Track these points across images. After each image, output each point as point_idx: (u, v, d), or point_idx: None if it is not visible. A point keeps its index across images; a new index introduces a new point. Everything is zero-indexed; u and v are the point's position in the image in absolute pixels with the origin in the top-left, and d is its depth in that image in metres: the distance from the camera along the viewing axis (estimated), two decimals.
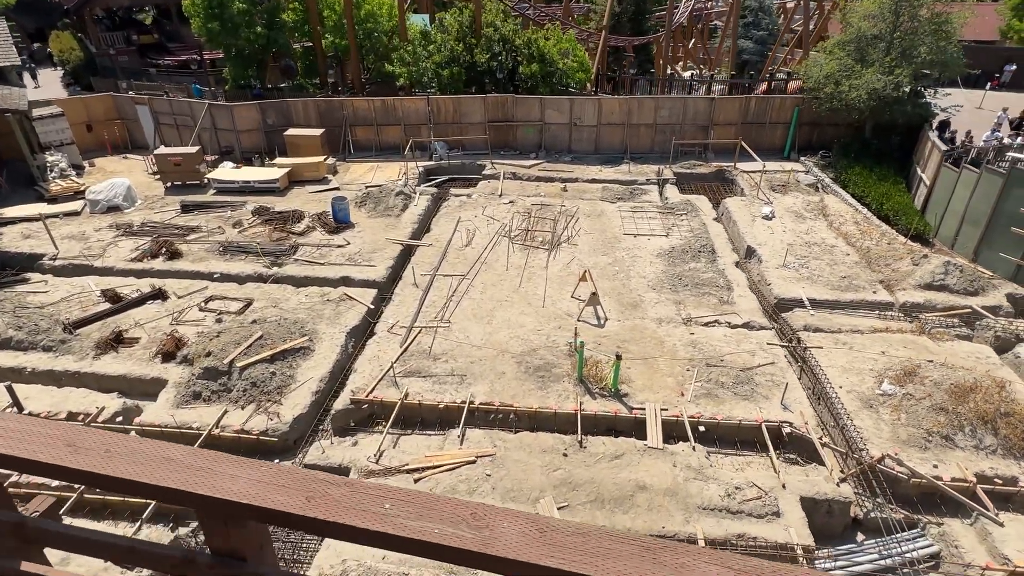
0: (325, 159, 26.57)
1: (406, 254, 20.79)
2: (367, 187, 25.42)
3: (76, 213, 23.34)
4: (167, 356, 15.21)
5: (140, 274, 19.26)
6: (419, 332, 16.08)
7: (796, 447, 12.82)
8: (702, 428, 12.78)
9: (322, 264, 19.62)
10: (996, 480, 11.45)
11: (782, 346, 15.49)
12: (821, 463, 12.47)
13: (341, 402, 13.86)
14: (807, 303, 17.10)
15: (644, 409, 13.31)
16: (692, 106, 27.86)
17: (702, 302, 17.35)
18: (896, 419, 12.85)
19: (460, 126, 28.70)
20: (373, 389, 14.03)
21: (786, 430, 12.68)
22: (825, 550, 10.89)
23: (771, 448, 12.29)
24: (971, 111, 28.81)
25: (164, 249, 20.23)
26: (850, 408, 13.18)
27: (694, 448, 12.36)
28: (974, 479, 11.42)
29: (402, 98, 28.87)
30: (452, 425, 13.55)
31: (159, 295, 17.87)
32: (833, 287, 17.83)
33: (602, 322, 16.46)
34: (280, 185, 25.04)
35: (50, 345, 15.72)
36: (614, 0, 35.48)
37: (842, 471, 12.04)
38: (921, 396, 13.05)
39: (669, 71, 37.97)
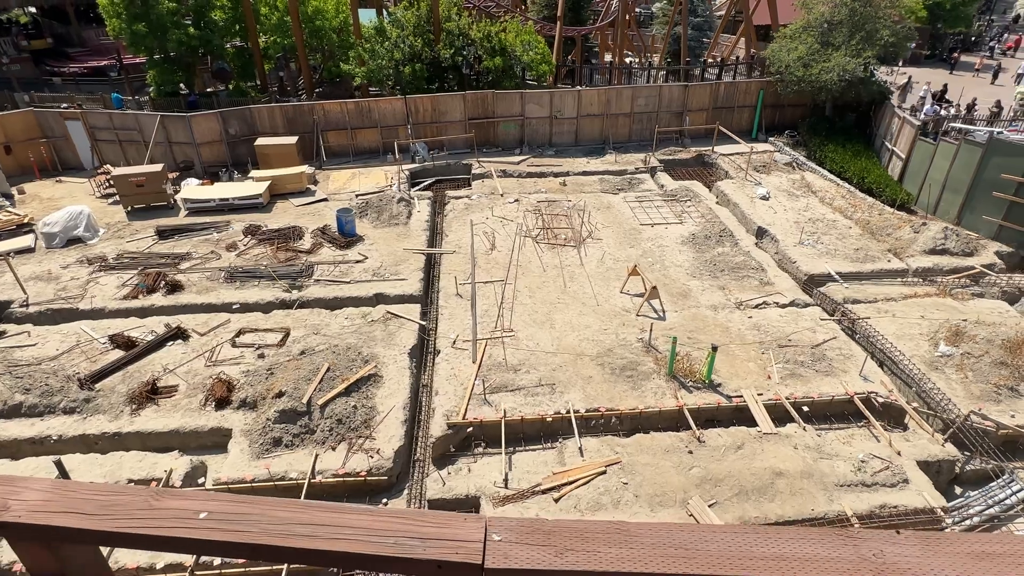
0: (305, 169, 24.79)
1: (429, 263, 19.94)
2: (358, 195, 24.09)
3: (30, 249, 20.34)
4: (221, 402, 13.69)
5: (142, 313, 17.17)
6: (486, 344, 15.50)
7: (885, 415, 13.63)
8: (805, 408, 13.29)
9: (348, 283, 18.38)
10: None
11: (837, 320, 16.39)
12: (904, 427, 13.37)
13: (437, 428, 13.10)
14: (837, 277, 18.18)
15: (741, 397, 13.64)
16: (667, 94, 28.61)
17: (744, 285, 17.97)
18: (964, 377, 14.01)
19: (439, 125, 27.79)
20: (466, 410, 13.38)
21: (880, 400, 13.45)
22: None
23: (872, 419, 13.00)
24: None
25: (161, 282, 18.13)
26: (920, 372, 14.20)
27: (804, 428, 12.84)
28: None
29: (377, 99, 27.47)
30: (554, 437, 13.23)
31: (178, 335, 16.01)
32: (852, 259, 19.07)
33: (663, 315, 16.64)
34: (263, 200, 23.12)
35: (72, 406, 13.67)
36: None
37: (939, 432, 12.95)
38: (979, 354, 14.30)
39: (613, 60, 38.69)
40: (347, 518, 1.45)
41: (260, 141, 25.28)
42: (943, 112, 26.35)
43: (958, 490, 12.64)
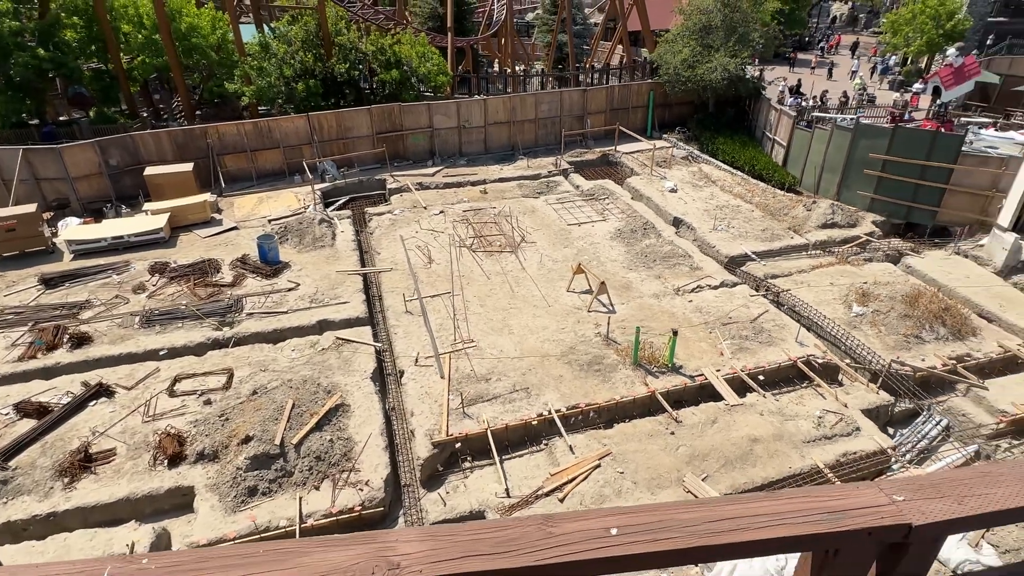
0: (208, 197, 22.90)
1: (366, 283, 19.25)
2: (271, 221, 22.70)
3: None
4: (174, 459, 12.32)
5: (46, 374, 15.01)
6: (450, 358, 15.26)
7: (824, 374, 15.16)
8: (761, 377, 14.45)
9: (285, 312, 17.26)
10: (966, 358, 15.00)
11: (764, 295, 17.95)
12: (840, 383, 14.98)
13: (423, 448, 12.71)
14: (754, 256, 19.92)
15: (703, 375, 14.56)
16: (568, 99, 29.75)
17: (676, 272, 19.15)
18: (878, 332, 15.94)
19: (346, 142, 26.86)
20: (448, 427, 13.11)
21: (819, 361, 14.93)
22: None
23: (817, 379, 14.41)
24: None
25: (63, 337, 15.95)
26: (842, 332, 15.97)
27: (764, 396, 13.97)
28: (953, 361, 14.82)
29: (278, 118, 25.99)
30: (538, 440, 13.35)
31: (101, 392, 14.18)
32: (761, 239, 20.98)
33: (612, 308, 17.30)
34: (165, 235, 21.06)
35: None
36: (452, 2, 35.80)
37: (871, 383, 14.62)
38: (886, 310, 16.34)
39: (504, 69, 39.58)
40: (753, 507, 1.51)
41: (150, 170, 22.98)
42: (803, 104, 29.85)
43: (890, 430, 14.34)
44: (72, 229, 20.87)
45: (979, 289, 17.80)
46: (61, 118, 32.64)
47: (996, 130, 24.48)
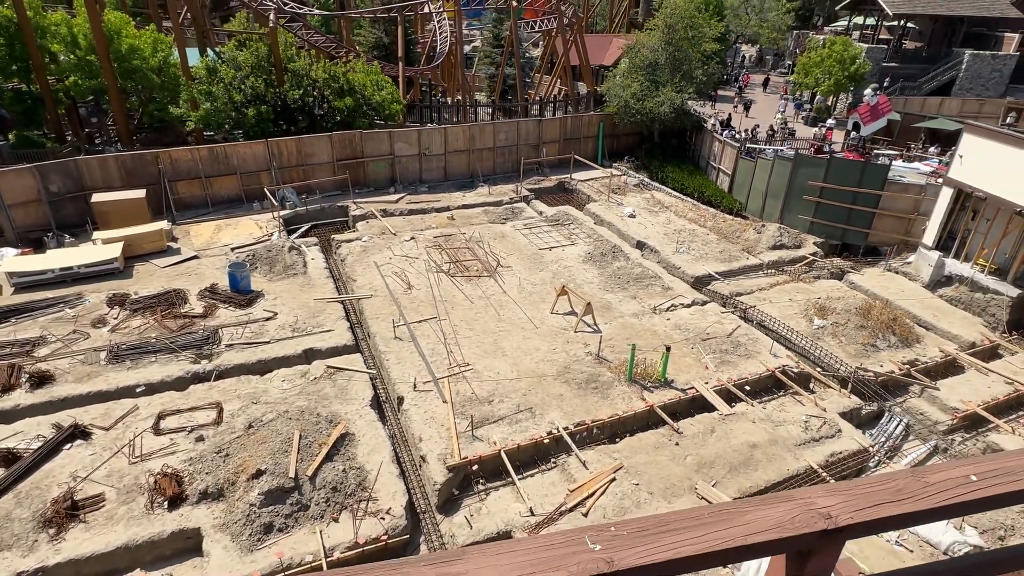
0: (164, 225, 21.75)
1: (346, 310, 18.90)
2: (233, 249, 21.86)
3: None
4: (174, 500, 11.57)
5: (5, 417, 13.71)
6: (448, 382, 15.25)
7: (798, 382, 16.36)
8: (747, 388, 15.41)
9: (267, 343, 16.66)
10: (916, 363, 16.68)
11: (732, 312, 19.16)
12: (812, 390, 16.24)
13: (438, 473, 12.61)
14: (717, 276, 21.26)
15: (694, 388, 15.36)
16: (524, 128, 30.67)
17: (650, 292, 20.10)
18: (839, 342, 17.44)
19: (305, 168, 26.37)
20: (459, 450, 13.09)
21: (794, 371, 16.12)
22: None
23: (796, 387, 15.56)
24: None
25: (21, 376, 14.62)
26: (808, 343, 17.35)
27: (752, 405, 14.91)
28: (908, 366, 16.44)
29: (235, 144, 25.16)
30: (547, 458, 13.60)
31: (76, 434, 13.09)
32: (720, 260, 22.43)
33: (597, 328, 17.90)
34: (119, 265, 19.77)
35: None
36: (402, 31, 36.20)
37: (837, 389, 15.92)
38: (843, 322, 17.92)
39: (456, 99, 40.27)
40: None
41: (98, 197, 21.57)
42: (736, 136, 32.33)
43: (860, 431, 15.65)
44: (11, 260, 19.18)
45: (914, 301, 19.87)
46: None
47: (903, 161, 27.55)
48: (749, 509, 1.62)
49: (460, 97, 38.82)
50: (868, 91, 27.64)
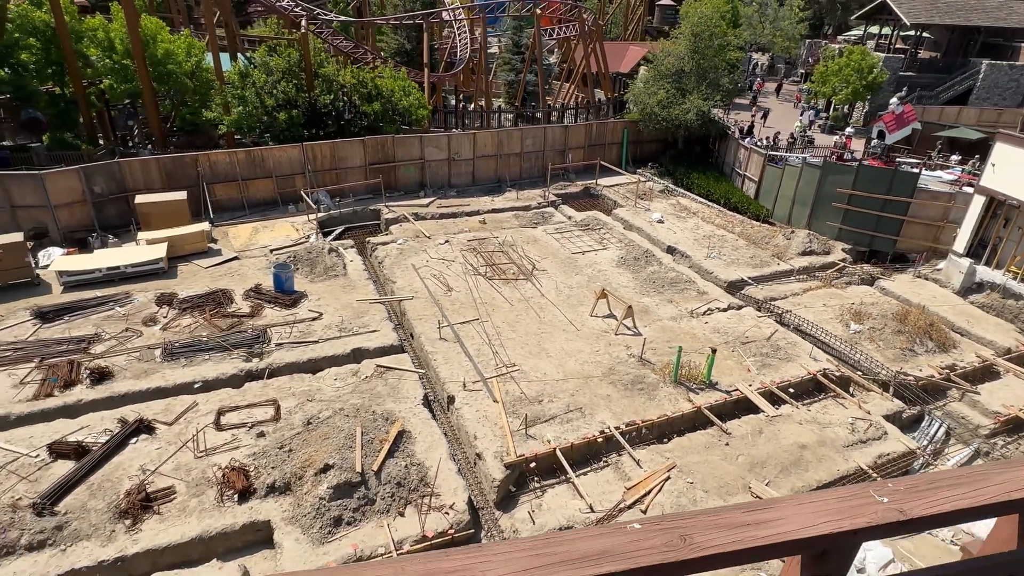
0: (205, 227, 22.14)
1: (390, 311, 19.21)
2: (272, 251, 22.22)
3: None
4: (244, 493, 11.86)
5: (68, 412, 14.02)
6: (497, 382, 15.53)
7: (838, 385, 16.60)
8: (791, 390, 15.66)
9: (316, 342, 16.97)
10: (955, 367, 16.91)
11: (768, 316, 19.42)
12: (852, 394, 16.47)
13: (496, 470, 12.88)
14: (751, 281, 21.53)
15: (739, 390, 15.61)
16: (551, 134, 31.04)
17: (685, 297, 20.38)
18: (877, 347, 17.68)
19: (338, 172, 26.76)
20: (514, 448, 13.36)
21: (835, 375, 16.37)
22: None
23: (839, 390, 15.80)
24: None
25: (82, 372, 14.95)
26: (846, 347, 17.60)
27: (797, 407, 15.16)
28: (947, 370, 16.68)
29: (271, 148, 25.56)
30: (599, 456, 13.85)
31: (141, 428, 13.40)
32: (752, 266, 22.71)
33: (638, 331, 18.18)
34: (164, 265, 20.14)
35: (39, 540, 10.75)
36: (427, 37, 36.68)
37: (881, 391, 16.17)
38: (880, 327, 18.17)
39: (478, 104, 40.71)
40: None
41: (141, 199, 21.95)
42: (757, 143, 32.65)
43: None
44: (62, 260, 19.55)
45: (946, 307, 20.11)
46: (4, 143, 30.55)
47: (926, 170, 27.84)
48: (1001, 471, 1.91)
49: (483, 103, 39.29)
50: (894, 100, 27.98)
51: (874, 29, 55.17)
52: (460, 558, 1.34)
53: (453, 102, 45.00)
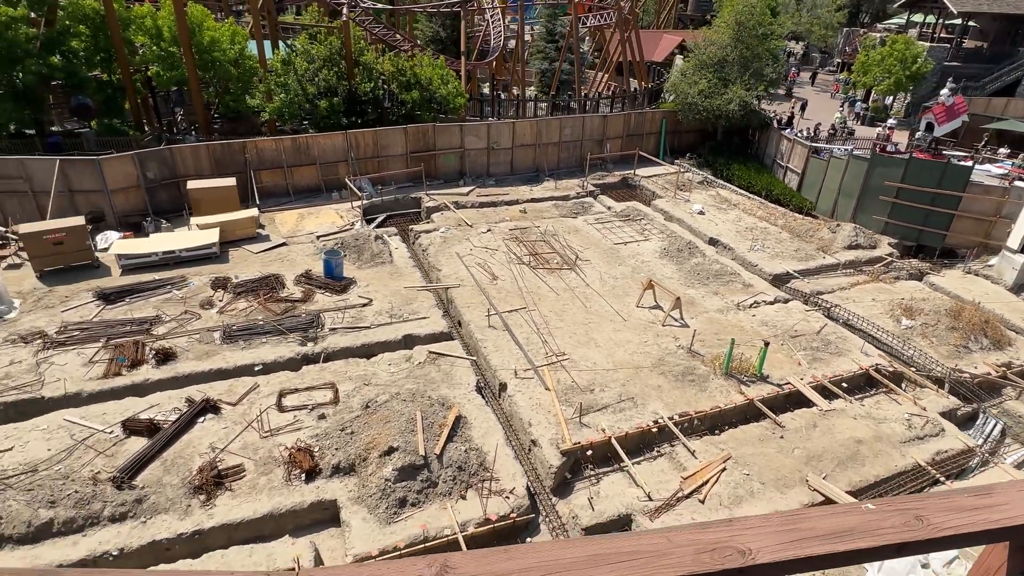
0: (254, 212, 22.56)
1: (438, 299, 19.45)
2: (319, 237, 22.56)
3: None
4: (310, 473, 12.21)
5: (136, 391, 14.51)
6: (547, 370, 15.69)
7: (890, 380, 16.45)
8: (844, 384, 15.58)
9: (369, 327, 17.28)
10: (1011, 364, 16.66)
11: (816, 310, 19.27)
12: (903, 390, 16.32)
13: (552, 457, 13.07)
14: (796, 274, 21.35)
15: (790, 384, 15.57)
16: (589, 124, 30.93)
17: (731, 289, 20.29)
18: (930, 343, 17.47)
19: (380, 160, 27.00)
20: (569, 436, 13.52)
21: (888, 370, 16.23)
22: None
23: (892, 386, 15.68)
24: None
25: (148, 353, 15.44)
26: (898, 343, 17.41)
27: (851, 402, 15.09)
28: (1003, 368, 16.44)
29: (316, 135, 25.89)
30: (651, 446, 13.96)
31: (207, 408, 13.83)
32: (797, 259, 22.49)
33: (684, 322, 18.18)
34: (216, 250, 20.60)
35: (121, 512, 11.22)
36: (465, 25, 36.65)
37: (935, 387, 15.99)
38: (933, 323, 17.93)
39: (514, 92, 40.62)
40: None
41: (193, 184, 22.43)
42: (797, 135, 32.16)
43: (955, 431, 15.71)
44: (120, 243, 20.11)
45: (999, 304, 19.74)
46: (54, 128, 31.35)
47: (975, 163, 27.20)
48: None
49: (517, 91, 39.19)
50: (944, 91, 27.29)
51: (916, 17, 53.75)
52: (718, 530, 1.44)
53: (485, 91, 45.06)
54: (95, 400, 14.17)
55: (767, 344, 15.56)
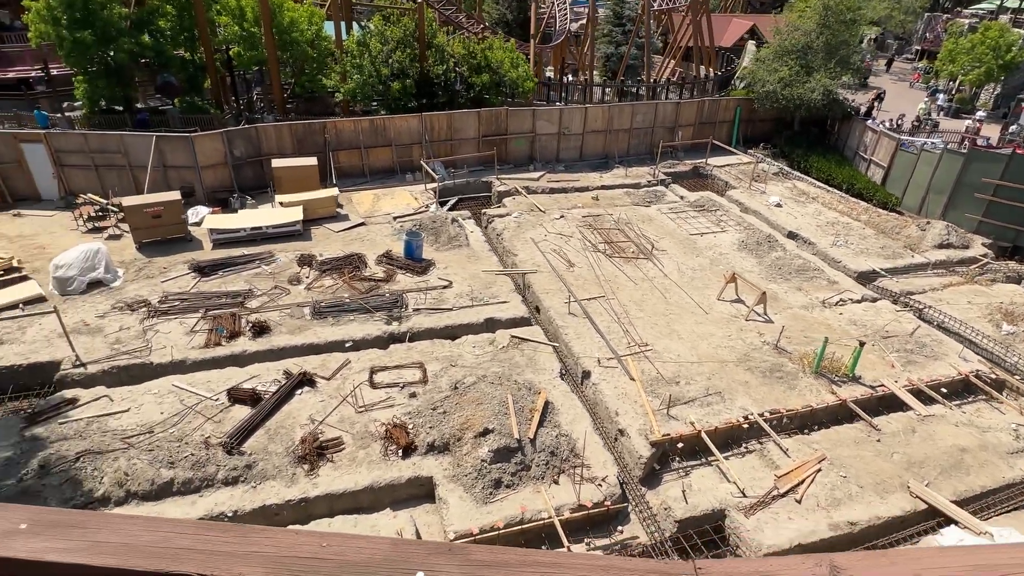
0: (334, 192, 23.08)
1: (515, 284, 19.55)
2: (395, 218, 22.92)
3: (41, 299, 16.95)
4: (407, 450, 12.54)
5: (235, 361, 15.15)
6: (631, 360, 15.62)
7: (991, 387, 15.74)
8: (944, 390, 15.00)
9: (451, 309, 17.53)
10: None
11: (908, 310, 18.55)
12: (1002, 396, 15.57)
13: (642, 447, 13.04)
14: (883, 272, 20.56)
15: (884, 386, 15.08)
16: (662, 110, 30.33)
17: (815, 285, 19.70)
18: None
19: (452, 143, 27.16)
20: (657, 427, 13.46)
21: (991, 377, 15.54)
22: None
23: (995, 393, 15.01)
24: None
25: (245, 325, 16.07)
26: (999, 348, 16.61)
27: (951, 408, 14.52)
28: None
29: (392, 117, 26.22)
30: (739, 442, 13.76)
31: (304, 381, 14.33)
32: (883, 256, 21.64)
33: (768, 318, 17.78)
34: (300, 228, 21.19)
35: (233, 476, 11.79)
36: (535, 8, 36.30)
37: None
38: None
39: (581, 77, 40.17)
40: None
41: (277, 163, 23.07)
42: (878, 126, 30.73)
43: None
44: (212, 218, 20.91)
45: None
46: (139, 105, 32.61)
47: None
48: None
49: (585, 76, 38.72)
50: None
51: (1011, 3, 50.46)
52: (1007, 552, 1.24)
53: (549, 75, 44.65)
54: (199, 368, 14.85)
55: (862, 344, 15.08)
